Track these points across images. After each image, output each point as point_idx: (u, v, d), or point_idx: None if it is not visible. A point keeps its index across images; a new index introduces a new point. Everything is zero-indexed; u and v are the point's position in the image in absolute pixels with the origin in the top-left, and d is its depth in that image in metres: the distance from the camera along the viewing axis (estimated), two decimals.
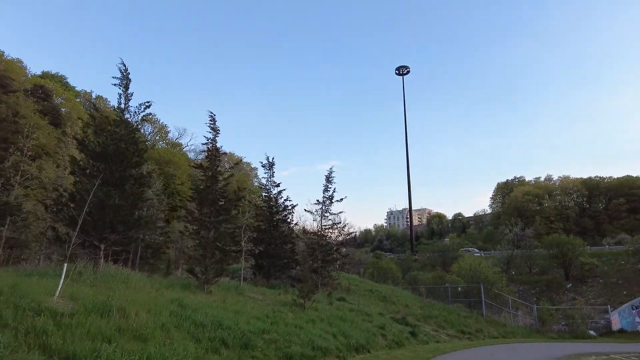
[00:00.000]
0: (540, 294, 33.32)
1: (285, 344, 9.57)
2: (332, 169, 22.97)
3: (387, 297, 22.27)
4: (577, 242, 36.08)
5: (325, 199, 22.70)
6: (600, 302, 29.95)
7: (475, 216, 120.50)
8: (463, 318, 21.14)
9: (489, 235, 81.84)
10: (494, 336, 19.97)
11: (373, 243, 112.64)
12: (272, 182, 22.80)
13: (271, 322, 11.12)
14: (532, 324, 24.10)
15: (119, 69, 11.94)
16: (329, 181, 22.91)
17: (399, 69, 70.83)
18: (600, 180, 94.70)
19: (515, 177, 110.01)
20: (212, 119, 19.54)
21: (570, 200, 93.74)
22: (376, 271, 32.10)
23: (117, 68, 11.96)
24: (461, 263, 27.44)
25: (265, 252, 21.28)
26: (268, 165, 22.76)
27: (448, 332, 19.02)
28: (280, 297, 15.56)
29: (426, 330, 17.89)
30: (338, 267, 23.84)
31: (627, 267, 32.99)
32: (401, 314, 19.16)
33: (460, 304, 24.07)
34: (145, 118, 57.55)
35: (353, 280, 25.29)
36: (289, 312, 13.23)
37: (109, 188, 10.45)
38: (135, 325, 6.95)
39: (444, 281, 26.08)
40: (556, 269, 36.49)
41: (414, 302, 22.87)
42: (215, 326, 8.68)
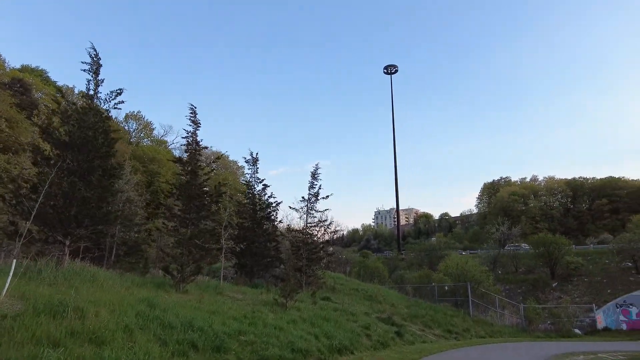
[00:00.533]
0: (526, 293, 33.28)
1: (262, 346, 8.97)
2: (317, 166, 22.43)
3: (373, 296, 21.80)
4: (563, 241, 36.17)
5: (311, 196, 22.14)
6: (585, 300, 30.00)
7: (462, 216, 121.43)
8: (450, 317, 20.78)
9: (475, 235, 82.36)
10: (481, 336, 19.64)
11: (360, 243, 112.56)
12: (256, 178, 22.17)
13: (249, 322, 10.51)
14: (518, 323, 23.90)
15: (88, 54, 11.17)
16: (314, 178, 22.36)
17: (387, 68, 70.61)
18: (584, 181, 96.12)
19: (502, 177, 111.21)
20: (193, 112, 18.81)
21: (555, 200, 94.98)
22: (362, 270, 31.63)
23: (87, 53, 11.19)
24: (448, 262, 27.14)
25: (248, 250, 20.63)
26: (252, 161, 22.13)
27: (435, 332, 18.63)
28: (261, 297, 14.94)
29: (412, 330, 17.46)
30: (324, 266, 23.31)
31: (611, 266, 33.16)
32: (387, 314, 18.69)
33: (447, 303, 23.75)
34: (130, 115, 54.81)
35: (339, 279, 24.79)
36: (270, 312, 12.63)
37: (75, 179, 9.70)
38: (92, 327, 6.27)
39: (431, 280, 25.75)
40: (542, 268, 36.54)
41: (401, 301, 22.44)
42: (186, 327, 8.04)
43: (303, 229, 21.99)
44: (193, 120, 18.66)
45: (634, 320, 28.29)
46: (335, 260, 37.28)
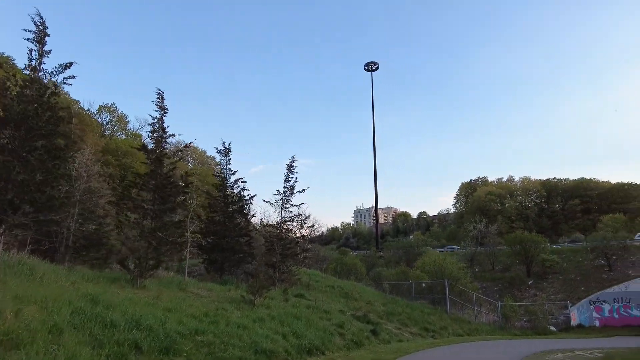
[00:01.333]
0: (502, 290, 33.29)
1: (221, 347, 8.07)
2: (294, 158, 21.55)
3: (349, 293, 21.08)
4: (539, 239, 36.43)
5: (286, 189, 21.24)
6: (560, 298, 30.14)
7: (440, 215, 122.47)
8: (427, 315, 20.27)
9: (452, 234, 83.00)
10: (458, 334, 19.18)
11: (340, 241, 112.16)
12: (228, 169, 21.10)
13: (210, 321, 9.57)
14: (495, 321, 23.62)
15: (33, 21, 9.96)
16: (290, 171, 21.46)
17: (368, 65, 70.16)
18: (558, 182, 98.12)
19: (479, 177, 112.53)
20: (160, 97, 17.64)
21: (531, 200, 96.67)
22: (339, 267, 30.90)
23: (31, 20, 9.98)
24: (425, 259, 26.72)
25: (219, 245, 19.58)
26: (224, 152, 21.04)
27: (411, 330, 18.05)
28: (229, 294, 13.98)
29: (388, 329, 16.81)
30: (301, 262, 22.45)
31: (584, 264, 33.50)
32: (363, 311, 18.00)
33: (424, 301, 23.26)
34: (104, 107, 52.32)
35: (314, 276, 23.98)
36: (236, 310, 11.71)
37: (10, 159, 8.54)
38: (5, 329, 5.24)
39: (408, 277, 25.23)
40: (518, 266, 36.70)
41: (377, 298, 21.80)
42: (131, 326, 7.05)
43: (278, 223, 21.11)
44: (160, 105, 17.49)
45: (606, 317, 28.60)
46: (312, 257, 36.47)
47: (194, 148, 72.05)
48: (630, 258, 31.67)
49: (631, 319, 27.76)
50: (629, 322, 27.51)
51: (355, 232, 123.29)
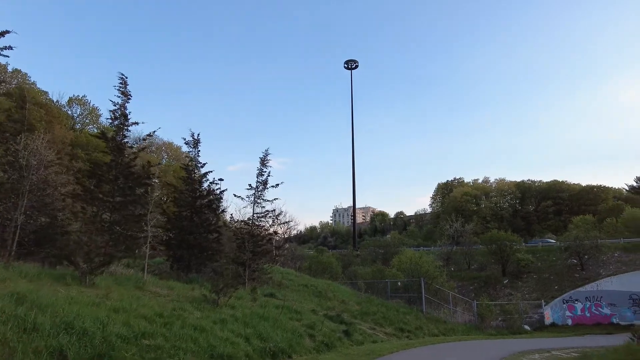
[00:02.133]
0: (478, 289, 33.24)
1: (170, 353, 7.14)
2: (267, 151, 20.62)
3: (322, 292, 20.32)
4: (514, 238, 36.63)
5: (259, 183, 20.30)
6: (534, 297, 30.26)
7: (416, 215, 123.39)
8: (402, 315, 19.70)
9: (429, 233, 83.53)
10: (434, 334, 18.68)
11: (318, 240, 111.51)
12: (196, 161, 19.98)
13: (163, 322, 8.59)
14: (471, 320, 23.31)
15: None
16: (264, 165, 20.52)
17: (348, 63, 69.62)
18: (531, 184, 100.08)
19: (455, 178, 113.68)
20: (123, 82, 16.42)
21: (505, 201, 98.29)
22: (314, 265, 30.11)
23: None
24: (402, 257, 26.24)
25: (185, 241, 18.48)
26: (192, 143, 19.91)
27: (386, 330, 17.41)
28: (192, 293, 12.97)
29: (362, 329, 16.11)
30: (273, 260, 21.54)
31: (558, 263, 33.81)
32: (336, 311, 17.26)
33: (399, 300, 22.74)
34: (74, 99, 50.32)
35: (288, 274, 23.13)
36: (196, 311, 10.74)
37: None
38: None
39: (384, 276, 24.68)
40: (494, 265, 36.81)
41: (352, 297, 21.13)
42: (59, 330, 6.03)
43: (249, 219, 20.18)
44: (123, 91, 16.28)
45: (578, 315, 28.85)
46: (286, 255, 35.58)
47: (169, 144, 70.04)
48: (602, 257, 32.14)
49: (602, 317, 28.09)
50: (600, 320, 27.83)
51: (333, 232, 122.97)
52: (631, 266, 29.88)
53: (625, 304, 27.75)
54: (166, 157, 68.85)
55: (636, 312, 27.34)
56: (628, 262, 30.68)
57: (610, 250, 32.78)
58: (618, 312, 27.81)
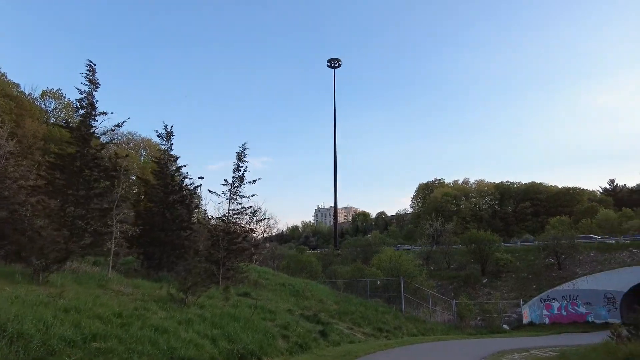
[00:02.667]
0: (457, 289, 33.24)
1: (124, 356, 6.49)
2: (244, 146, 19.99)
3: (300, 291, 19.77)
4: (494, 238, 36.82)
5: (235, 179, 19.63)
6: (512, 296, 30.42)
7: (397, 215, 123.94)
8: (381, 314, 19.32)
9: (410, 233, 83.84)
10: (413, 334, 18.35)
11: (299, 240, 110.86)
12: (169, 155, 19.15)
13: (121, 323, 7.91)
14: (450, 320, 23.15)
15: None
16: (241, 159, 19.85)
17: (331, 62, 69.13)
18: (510, 185, 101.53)
19: (436, 178, 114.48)
20: (91, 69, 15.67)
21: (485, 202, 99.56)
22: (293, 264, 29.50)
23: None
24: (382, 256, 25.93)
25: (156, 238, 17.65)
26: (165, 135, 19.08)
27: (364, 330, 16.98)
28: (160, 292, 12.23)
29: (340, 329, 15.64)
30: (249, 258, 20.83)
31: (536, 263, 34.13)
32: (313, 311, 16.74)
33: (379, 299, 22.40)
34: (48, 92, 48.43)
35: (264, 273, 22.48)
36: (161, 310, 10.05)
37: None
38: None
39: (363, 275, 24.29)
40: (473, 265, 36.94)
41: (330, 296, 20.65)
42: None
43: (224, 216, 19.49)
44: (90, 79, 15.51)
45: (555, 314, 29.13)
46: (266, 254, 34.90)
47: (147, 141, 68.28)
48: (578, 257, 32.57)
49: (577, 315, 28.42)
50: (576, 319, 28.15)
51: (315, 231, 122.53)
52: (606, 265, 30.35)
53: (600, 303, 28.14)
54: (145, 154, 67.14)
55: (610, 310, 27.75)
56: (603, 261, 31.16)
57: (586, 250, 33.29)
58: (593, 311, 28.18)
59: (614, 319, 27.44)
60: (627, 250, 31.39)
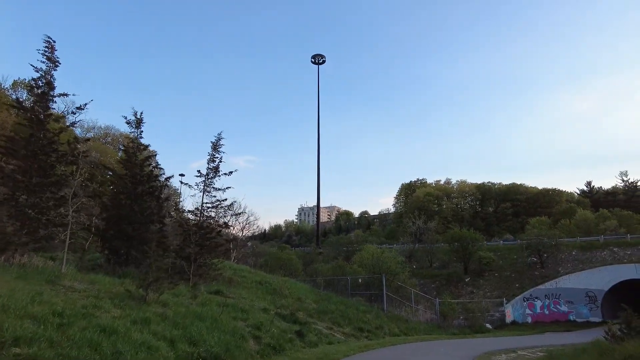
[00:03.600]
0: (440, 287, 32.74)
1: None
2: (220, 135, 18.86)
3: (278, 289, 18.76)
4: (477, 236, 36.51)
5: (210, 170, 18.49)
6: (495, 295, 30.06)
7: (380, 215, 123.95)
8: (362, 313, 18.47)
9: (392, 232, 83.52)
10: (395, 333, 17.55)
11: (282, 238, 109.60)
12: (138, 143, 17.85)
13: (59, 324, 6.80)
14: (433, 319, 22.46)
15: None
16: (216, 150, 18.70)
17: (315, 58, 68.19)
18: (491, 186, 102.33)
19: (418, 179, 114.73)
20: (50, 46, 14.35)
21: (466, 203, 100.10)
22: (273, 261, 28.41)
23: None
24: (363, 253, 25.09)
25: (123, 232, 16.36)
26: (135, 123, 17.76)
27: (344, 330, 16.08)
28: (119, 288, 11.05)
29: (318, 329, 14.71)
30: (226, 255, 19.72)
31: (518, 261, 33.90)
32: (290, 310, 15.75)
33: (360, 297, 21.56)
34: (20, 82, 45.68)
35: (241, 271, 21.37)
36: (116, 309, 8.92)
37: None
38: None
39: (345, 272, 23.41)
40: (455, 263, 36.54)
41: (310, 295, 19.70)
42: None
43: (197, 209, 18.33)
44: (49, 57, 14.16)
45: (537, 313, 28.86)
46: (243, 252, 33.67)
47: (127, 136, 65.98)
48: (560, 256, 32.48)
49: (559, 314, 28.21)
50: (558, 318, 27.93)
51: (298, 230, 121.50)
52: (587, 264, 30.28)
53: (582, 301, 27.99)
54: (123, 148, 64.86)
55: (592, 309, 27.63)
56: (584, 260, 31.11)
57: (568, 248, 33.22)
58: (575, 310, 28.03)
59: (595, 318, 27.34)
60: (607, 249, 31.40)
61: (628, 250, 29.94)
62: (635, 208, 69.63)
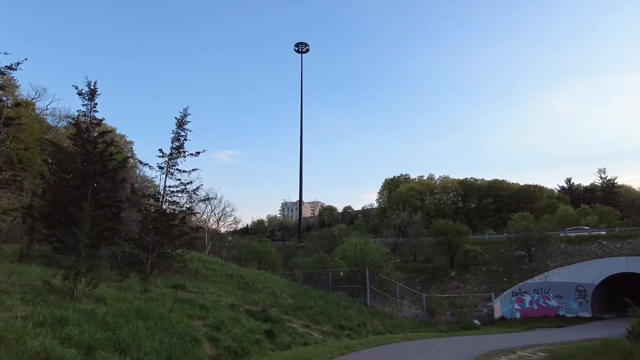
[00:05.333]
0: (425, 282, 31.43)
1: None
2: (186, 111, 16.87)
3: (250, 283, 16.88)
4: (463, 229, 35.32)
5: (173, 150, 16.48)
6: (482, 289, 28.90)
7: (364, 210, 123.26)
8: (343, 309, 16.78)
9: (375, 227, 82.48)
10: (379, 331, 15.92)
11: (265, 233, 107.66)
12: (91, 118, 15.65)
13: None
14: (419, 315, 20.96)
15: None
16: (181, 127, 16.72)
17: (298, 46, 65.94)
18: (474, 182, 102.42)
19: (402, 174, 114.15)
20: None
21: (449, 198, 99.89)
22: (249, 254, 26.47)
23: None
24: (346, 245, 23.41)
25: (70, 217, 14.21)
26: (88, 94, 15.55)
27: (323, 328, 14.35)
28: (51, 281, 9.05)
29: (293, 327, 12.94)
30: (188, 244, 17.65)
31: (506, 255, 32.84)
32: (262, 306, 13.94)
33: (342, 292, 19.89)
34: None
35: (211, 263, 19.44)
36: (25, 305, 6.97)
37: None
38: None
39: (325, 265, 21.72)
40: (441, 257, 35.31)
41: (286, 289, 17.89)
42: None
43: (158, 193, 16.33)
44: None
45: (526, 308, 27.75)
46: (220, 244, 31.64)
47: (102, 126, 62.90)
48: (549, 249, 31.52)
49: (549, 309, 27.18)
50: (547, 313, 26.88)
51: (281, 225, 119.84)
52: (577, 257, 29.35)
53: (572, 296, 27.01)
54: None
55: (582, 304, 26.66)
56: (574, 253, 30.19)
57: (556, 241, 32.31)
58: (564, 304, 27.02)
59: (584, 313, 26.39)
60: (597, 242, 30.55)
61: (618, 244, 29.12)
62: (613, 204, 70.37)
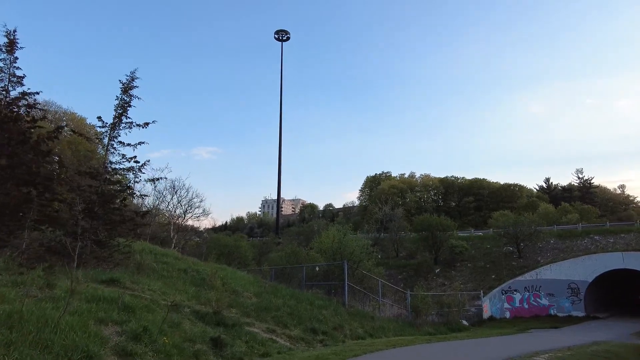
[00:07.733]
0: (408, 279, 29.41)
1: None
2: (134, 74, 14.20)
3: (207, 279, 14.30)
4: (448, 222, 33.47)
5: (116, 119, 13.78)
6: (469, 287, 27.03)
7: (345, 207, 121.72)
8: (317, 309, 14.39)
9: (356, 224, 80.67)
10: (358, 335, 13.58)
11: (244, 230, 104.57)
12: (11, 75, 12.79)
13: None
14: (403, 315, 18.74)
15: None
16: (126, 92, 14.06)
17: (278, 33, 63.24)
18: (455, 180, 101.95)
19: (383, 171, 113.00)
20: None
21: (430, 196, 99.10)
22: (217, 248, 23.78)
23: None
24: (323, 237, 21.07)
25: None
26: (6, 46, 12.70)
27: (292, 333, 11.92)
28: None
29: (253, 332, 10.46)
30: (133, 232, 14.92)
31: (494, 251, 31.12)
32: (217, 306, 11.37)
33: (318, 290, 17.54)
34: None
35: (163, 256, 16.75)
36: None
37: None
38: None
39: (300, 260, 19.30)
40: (425, 253, 33.37)
41: (250, 287, 15.40)
42: None
43: (95, 169, 13.63)
44: None
45: (517, 307, 25.93)
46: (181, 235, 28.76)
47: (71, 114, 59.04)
48: (538, 245, 29.97)
49: (540, 308, 25.45)
50: (538, 312, 25.14)
51: (260, 222, 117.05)
52: (569, 253, 27.81)
53: (564, 294, 25.35)
54: (67, 129, 57.63)
55: (574, 302, 25.02)
56: (565, 248, 28.69)
57: (546, 237, 30.75)
58: (556, 303, 25.34)
59: (577, 312, 24.76)
60: (588, 237, 29.09)
61: (610, 239, 27.70)
62: (590, 203, 70.79)
